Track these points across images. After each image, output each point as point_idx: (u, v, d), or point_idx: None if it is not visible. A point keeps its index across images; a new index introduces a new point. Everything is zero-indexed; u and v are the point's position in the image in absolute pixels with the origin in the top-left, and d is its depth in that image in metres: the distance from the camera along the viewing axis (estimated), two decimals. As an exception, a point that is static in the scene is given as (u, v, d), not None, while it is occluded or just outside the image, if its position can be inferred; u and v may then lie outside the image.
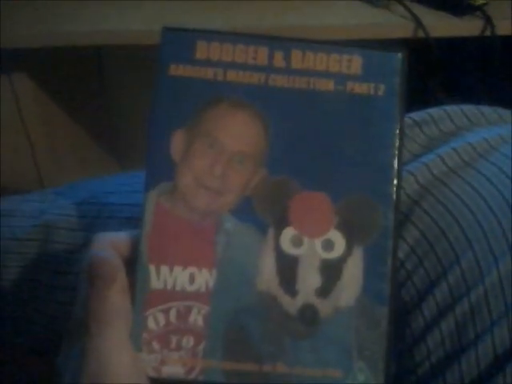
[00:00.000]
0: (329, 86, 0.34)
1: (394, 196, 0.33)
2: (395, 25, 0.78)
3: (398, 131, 0.33)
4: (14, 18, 0.75)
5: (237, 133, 0.33)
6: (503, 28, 0.80)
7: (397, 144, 0.33)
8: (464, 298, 0.32)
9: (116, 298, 0.28)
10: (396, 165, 0.33)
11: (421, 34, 0.77)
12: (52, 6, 0.78)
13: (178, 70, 0.33)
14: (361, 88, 0.34)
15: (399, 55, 0.34)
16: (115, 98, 1.05)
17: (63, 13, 0.77)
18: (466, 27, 0.80)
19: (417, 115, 0.40)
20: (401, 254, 0.34)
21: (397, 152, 0.33)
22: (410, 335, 0.33)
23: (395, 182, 0.33)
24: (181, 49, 0.34)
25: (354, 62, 0.34)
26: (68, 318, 0.30)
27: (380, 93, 0.33)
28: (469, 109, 0.41)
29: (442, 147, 0.37)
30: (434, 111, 0.40)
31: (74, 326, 0.29)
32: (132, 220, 0.36)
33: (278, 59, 0.34)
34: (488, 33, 0.76)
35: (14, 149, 0.92)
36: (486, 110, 0.41)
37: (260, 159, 0.33)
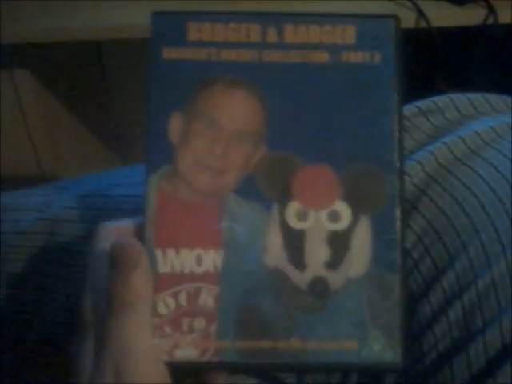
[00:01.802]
0: (323, 57, 0.33)
1: (398, 163, 0.32)
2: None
3: (396, 97, 0.33)
4: (14, 13, 0.75)
5: (234, 111, 0.33)
6: (506, 16, 0.79)
7: (397, 110, 0.33)
8: (471, 287, 0.32)
9: (140, 282, 0.29)
10: (397, 131, 0.33)
11: (423, 24, 0.77)
12: (52, 1, 0.79)
13: (171, 53, 0.33)
14: (356, 57, 0.33)
15: (392, 21, 0.33)
16: (116, 92, 1.05)
17: (63, 8, 0.77)
18: (468, 16, 0.80)
19: (422, 103, 0.40)
20: (407, 243, 0.34)
21: (397, 118, 0.33)
22: (416, 324, 0.33)
23: (398, 148, 0.32)
24: (172, 32, 0.33)
25: (348, 32, 0.33)
26: (76, 309, 0.30)
27: (376, 60, 0.33)
28: (475, 97, 0.41)
29: (448, 136, 0.37)
30: (439, 99, 0.40)
31: (86, 313, 0.29)
32: (138, 211, 0.36)
33: (271, 35, 0.33)
34: (490, 21, 0.76)
35: (14, 144, 0.92)
36: (492, 98, 0.41)
37: (259, 136, 0.33)
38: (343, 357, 0.31)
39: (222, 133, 0.32)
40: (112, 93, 1.05)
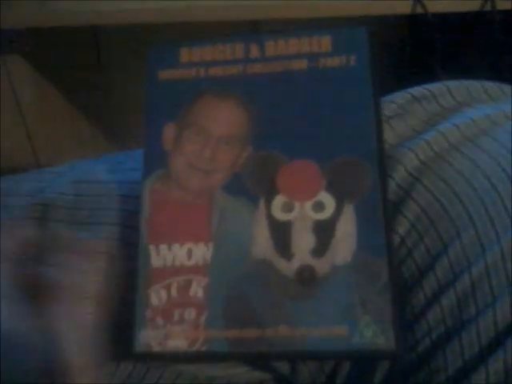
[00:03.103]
0: (302, 64, 0.36)
1: (378, 153, 0.33)
2: (394, 1, 0.77)
3: (373, 93, 0.35)
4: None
5: (221, 119, 0.36)
6: (503, 3, 0.76)
7: (374, 104, 0.34)
8: (465, 274, 0.31)
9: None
10: (376, 123, 0.34)
11: (419, 10, 0.76)
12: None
13: (165, 74, 0.37)
14: (333, 62, 0.36)
15: (365, 29, 0.36)
16: (112, 78, 1.04)
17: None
18: (465, 3, 0.77)
19: (416, 90, 0.39)
20: (401, 231, 0.34)
21: (376, 112, 0.34)
22: (410, 312, 0.32)
23: (377, 139, 0.34)
24: (166, 57, 0.38)
25: (324, 41, 0.36)
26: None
27: (352, 62, 0.36)
28: (471, 84, 0.40)
29: (442, 123, 0.37)
30: (434, 86, 0.39)
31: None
32: (130, 198, 0.38)
33: (254, 51, 0.37)
34: (488, 8, 0.75)
35: (9, 131, 0.91)
36: (489, 85, 0.41)
37: (245, 139, 0.35)
38: (333, 344, 0.30)
39: (210, 138, 0.35)
40: (108, 79, 1.04)
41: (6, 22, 0.74)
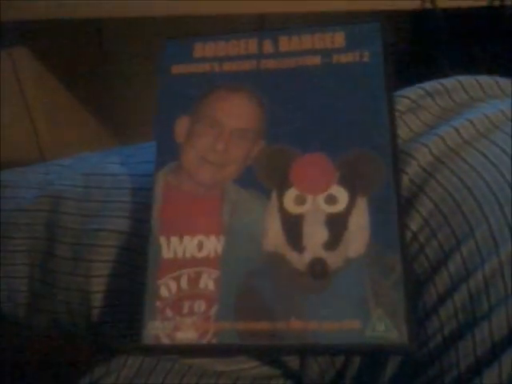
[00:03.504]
0: (316, 60, 0.36)
1: (391, 146, 0.33)
2: None
3: (387, 87, 0.34)
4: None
5: (234, 112, 0.36)
6: None
7: (387, 98, 0.34)
8: (478, 270, 0.31)
9: None
10: (389, 117, 0.34)
11: (428, 6, 0.76)
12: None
13: (178, 69, 0.37)
14: (346, 58, 0.36)
15: (378, 24, 0.36)
16: (116, 71, 1.03)
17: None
18: None
19: (429, 85, 0.39)
20: (414, 226, 0.34)
21: (389, 106, 0.34)
22: (422, 308, 0.32)
23: (390, 132, 0.33)
24: (180, 52, 0.38)
25: (337, 37, 0.36)
26: (82, 290, 0.31)
27: (365, 58, 0.35)
28: (484, 80, 0.40)
29: (456, 118, 0.37)
30: (447, 81, 0.39)
31: None
32: (139, 190, 0.38)
33: (267, 46, 0.37)
34: (497, 3, 0.74)
35: (14, 123, 0.90)
36: (502, 81, 0.40)
37: (258, 133, 0.35)
38: (345, 337, 0.30)
39: (223, 131, 0.35)
40: (112, 71, 1.03)
41: (7, 14, 0.74)
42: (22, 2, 0.75)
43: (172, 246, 0.33)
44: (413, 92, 0.38)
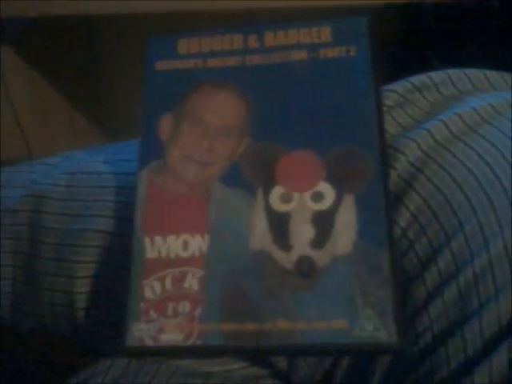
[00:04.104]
0: (302, 55, 0.35)
1: (379, 142, 0.33)
2: None
3: (374, 82, 0.34)
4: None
5: (219, 109, 0.35)
6: None
7: (375, 93, 0.34)
8: (468, 266, 0.30)
9: None
10: (376, 112, 0.33)
11: (416, 0, 0.75)
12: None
13: (162, 65, 0.37)
14: (333, 52, 0.35)
15: (364, 19, 0.36)
16: (106, 70, 1.02)
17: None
18: None
19: (417, 79, 0.38)
20: (403, 223, 0.33)
21: (376, 101, 0.33)
22: (411, 305, 0.31)
23: (378, 128, 0.33)
24: (164, 48, 0.37)
25: (323, 32, 0.36)
26: (66, 291, 0.30)
27: (352, 53, 0.35)
28: (472, 73, 0.39)
29: (444, 113, 0.36)
30: (435, 75, 0.38)
31: None
32: (124, 189, 0.37)
33: (252, 41, 0.36)
34: None
35: (1, 123, 0.88)
36: (491, 74, 0.40)
37: (244, 130, 0.34)
38: (333, 337, 0.29)
39: (208, 129, 0.34)
40: (102, 70, 1.02)
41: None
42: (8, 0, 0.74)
43: (156, 246, 0.32)
44: (401, 86, 0.37)
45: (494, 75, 0.40)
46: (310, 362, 0.34)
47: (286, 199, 0.32)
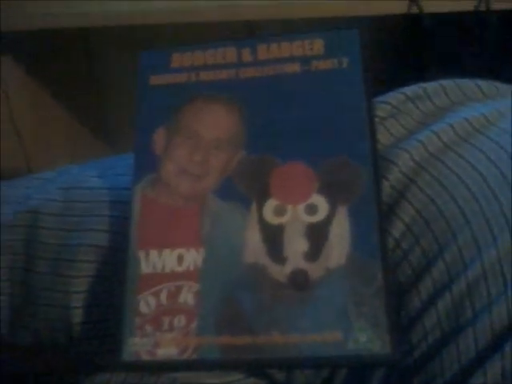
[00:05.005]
0: (295, 67, 0.36)
1: (371, 153, 0.33)
2: (390, 1, 0.75)
3: (365, 94, 0.34)
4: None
5: (212, 122, 0.35)
6: (498, 3, 0.75)
7: (367, 105, 0.34)
8: (461, 276, 0.30)
9: None
10: (369, 123, 0.33)
11: (415, 10, 0.75)
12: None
13: (156, 79, 0.37)
14: (325, 64, 0.35)
15: (356, 31, 0.36)
16: (103, 80, 1.03)
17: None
18: (460, 2, 0.76)
19: (410, 90, 0.38)
20: (396, 233, 0.33)
21: (368, 113, 0.34)
22: (405, 316, 0.31)
23: (370, 140, 0.33)
24: (158, 62, 0.37)
25: (316, 44, 0.36)
26: (62, 306, 0.30)
27: (344, 65, 0.35)
28: (465, 83, 0.40)
29: (437, 123, 0.36)
30: (428, 86, 0.39)
31: None
32: (119, 204, 0.37)
33: (246, 55, 0.37)
34: (483, 8, 0.74)
35: (0, 135, 0.88)
36: (483, 84, 0.40)
37: (237, 143, 0.34)
38: (327, 350, 0.29)
39: (201, 142, 0.35)
40: (100, 81, 1.03)
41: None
42: (7, 12, 0.74)
43: (151, 260, 0.33)
44: (393, 97, 0.38)
45: (485, 84, 0.40)
46: (307, 373, 0.35)
47: (279, 212, 0.33)
